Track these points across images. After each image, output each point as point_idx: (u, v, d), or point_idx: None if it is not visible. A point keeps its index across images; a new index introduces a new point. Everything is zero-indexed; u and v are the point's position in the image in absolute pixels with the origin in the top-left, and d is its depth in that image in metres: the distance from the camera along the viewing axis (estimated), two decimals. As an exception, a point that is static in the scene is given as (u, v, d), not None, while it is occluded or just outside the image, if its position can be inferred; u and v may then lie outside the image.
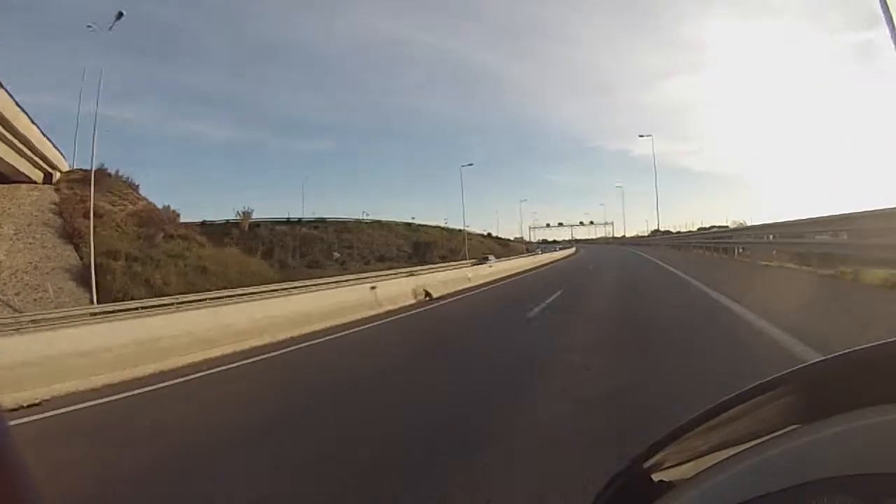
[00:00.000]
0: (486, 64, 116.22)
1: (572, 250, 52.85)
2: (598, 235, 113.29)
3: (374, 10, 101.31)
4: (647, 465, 0.53)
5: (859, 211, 7.52)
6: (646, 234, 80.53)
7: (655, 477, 0.53)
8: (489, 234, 79.98)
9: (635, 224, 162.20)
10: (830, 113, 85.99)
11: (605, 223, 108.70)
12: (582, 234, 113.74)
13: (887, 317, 4.89)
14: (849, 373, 0.47)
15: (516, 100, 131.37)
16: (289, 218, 51.69)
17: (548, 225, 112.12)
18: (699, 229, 36.75)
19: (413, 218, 64.41)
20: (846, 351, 0.46)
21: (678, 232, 47.23)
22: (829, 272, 8.09)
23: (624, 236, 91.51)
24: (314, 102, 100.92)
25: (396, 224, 58.75)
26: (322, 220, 53.17)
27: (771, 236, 13.15)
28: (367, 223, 57.02)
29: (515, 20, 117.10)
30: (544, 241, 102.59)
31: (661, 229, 62.27)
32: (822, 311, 5.70)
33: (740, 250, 15.58)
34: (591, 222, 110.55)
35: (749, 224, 22.75)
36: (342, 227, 52.89)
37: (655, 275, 14.95)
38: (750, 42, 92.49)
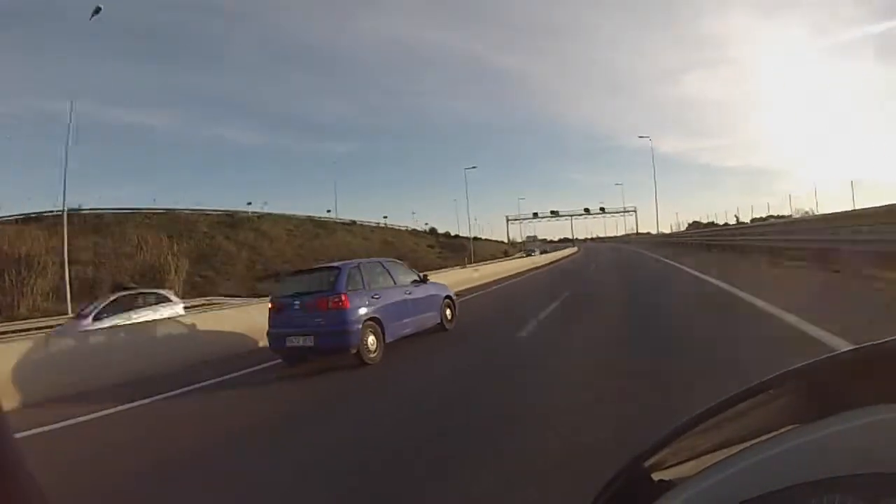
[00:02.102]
0: (506, 64, 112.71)
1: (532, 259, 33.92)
2: (618, 231, 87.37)
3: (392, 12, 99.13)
4: (647, 464, 0.53)
5: None
6: (678, 230, 52.95)
7: (655, 476, 0.53)
8: (433, 231, 61.21)
9: (663, 217, 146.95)
10: (856, 103, 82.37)
11: (624, 210, 76.36)
12: (597, 228, 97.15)
13: None
14: (848, 372, 0.47)
15: (535, 99, 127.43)
16: (28, 214, 31.72)
17: (535, 215, 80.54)
18: (754, 220, 24.22)
19: (249, 203, 44.77)
20: (846, 350, 0.46)
21: (724, 224, 31.09)
22: None
23: (650, 233, 62.58)
24: (337, 105, 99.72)
25: (198, 216, 36.36)
26: (76, 210, 32.46)
27: None
28: (148, 216, 36.09)
29: (536, 20, 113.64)
30: (565, 240, 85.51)
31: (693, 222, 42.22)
32: None
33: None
34: (602, 209, 79.56)
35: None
36: (99, 222, 33.02)
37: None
38: (771, 35, 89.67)
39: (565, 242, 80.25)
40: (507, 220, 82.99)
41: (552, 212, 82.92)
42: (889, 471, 0.39)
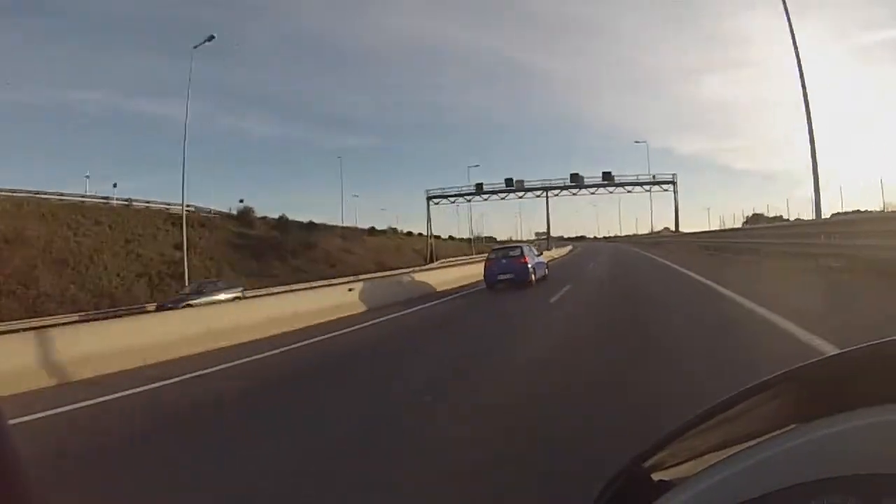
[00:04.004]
0: (527, 61, 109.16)
1: None
2: (638, 229, 65.57)
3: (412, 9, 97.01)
4: (647, 464, 0.53)
5: None
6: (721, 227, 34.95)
7: (655, 477, 0.53)
8: (243, 215, 35.47)
9: (691, 214, 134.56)
10: (880, 106, 78.71)
11: (653, 182, 45.85)
12: (628, 222, 78.99)
13: None
14: (848, 373, 0.47)
15: (555, 98, 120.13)
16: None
17: (479, 188, 48.12)
18: (836, 215, 18.43)
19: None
20: (845, 350, 0.46)
21: (796, 220, 22.74)
22: None
23: (680, 231, 40.62)
24: (356, 99, 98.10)
25: None
26: None
27: None
28: None
29: (557, 17, 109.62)
30: (581, 238, 73.54)
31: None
32: None
33: None
34: (608, 176, 46.68)
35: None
36: None
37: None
38: (795, 36, 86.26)
39: (581, 241, 70.34)
40: (429, 200, 49.68)
41: (508, 181, 47.81)
42: (889, 471, 0.39)
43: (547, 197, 50.26)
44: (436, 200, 50.46)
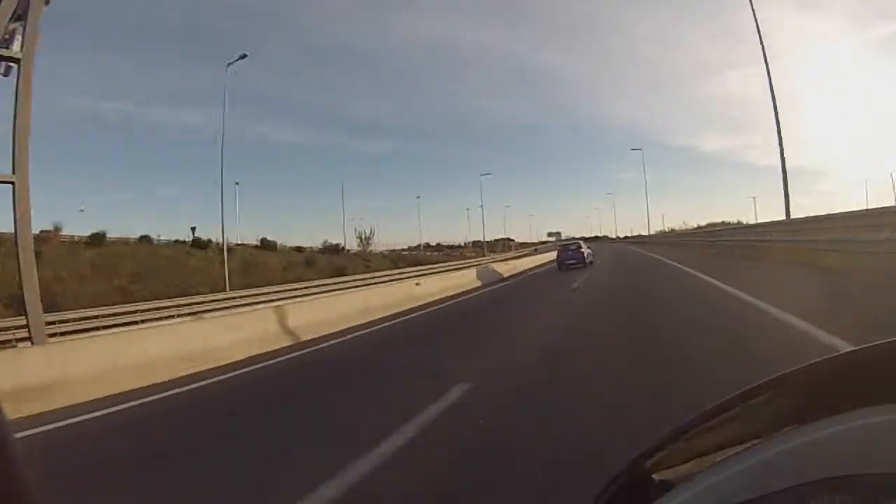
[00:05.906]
0: (545, 63, 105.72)
1: None
2: (658, 226, 61.62)
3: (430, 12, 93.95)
4: (647, 464, 0.53)
5: None
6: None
7: (656, 477, 0.53)
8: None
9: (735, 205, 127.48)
10: None
11: None
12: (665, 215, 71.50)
13: None
14: (849, 373, 0.47)
15: (575, 98, 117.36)
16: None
17: None
18: None
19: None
20: (846, 351, 0.46)
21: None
22: None
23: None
24: (377, 105, 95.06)
25: None
26: None
27: None
28: None
29: (575, 17, 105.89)
30: (603, 238, 71.01)
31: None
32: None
33: None
34: None
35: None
36: None
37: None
38: (812, 30, 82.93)
39: (595, 241, 61.40)
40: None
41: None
42: (889, 471, 0.39)
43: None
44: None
